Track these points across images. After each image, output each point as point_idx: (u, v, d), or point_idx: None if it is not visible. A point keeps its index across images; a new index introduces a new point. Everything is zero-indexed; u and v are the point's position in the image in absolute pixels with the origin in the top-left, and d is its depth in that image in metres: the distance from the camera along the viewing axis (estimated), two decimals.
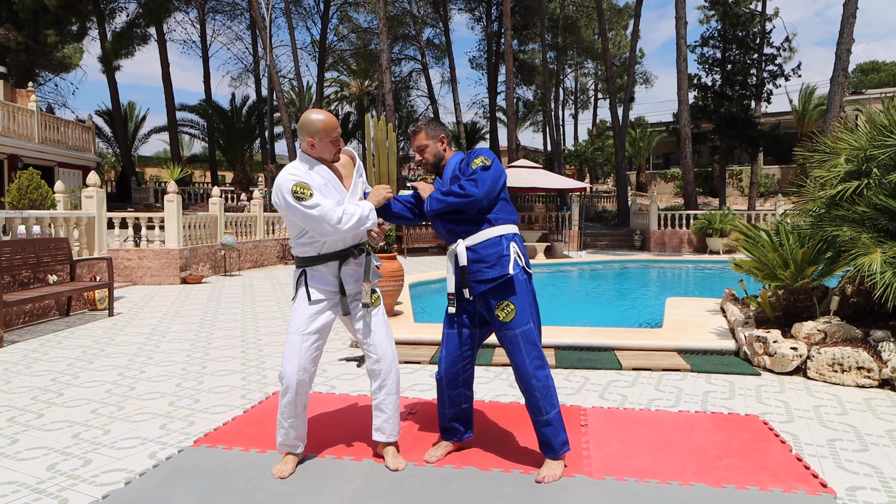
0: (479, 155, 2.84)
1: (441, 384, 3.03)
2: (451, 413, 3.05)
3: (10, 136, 16.60)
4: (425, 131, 2.99)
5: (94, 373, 4.80)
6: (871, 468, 2.97)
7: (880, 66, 47.49)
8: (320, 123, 2.83)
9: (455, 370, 2.99)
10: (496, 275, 2.78)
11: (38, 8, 21.76)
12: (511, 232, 2.87)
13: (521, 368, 2.80)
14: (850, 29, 16.40)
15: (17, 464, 3.04)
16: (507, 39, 22.85)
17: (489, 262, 2.80)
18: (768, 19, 23.99)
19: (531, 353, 2.79)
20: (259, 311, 7.91)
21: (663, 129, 33.56)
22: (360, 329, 2.97)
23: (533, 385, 2.79)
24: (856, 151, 5.22)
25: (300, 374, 2.84)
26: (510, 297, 2.79)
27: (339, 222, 2.74)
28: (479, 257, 2.81)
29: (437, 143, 2.99)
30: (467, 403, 3.08)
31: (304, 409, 2.93)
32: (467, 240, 2.84)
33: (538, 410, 2.81)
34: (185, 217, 11.40)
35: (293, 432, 2.92)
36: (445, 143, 3.01)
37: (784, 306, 5.46)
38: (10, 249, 6.67)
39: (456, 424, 3.08)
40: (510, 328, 2.79)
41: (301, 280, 2.90)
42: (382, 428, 2.98)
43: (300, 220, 2.77)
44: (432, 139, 2.99)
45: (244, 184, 25.70)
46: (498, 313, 2.80)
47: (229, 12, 31.79)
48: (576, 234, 20.64)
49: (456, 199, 2.79)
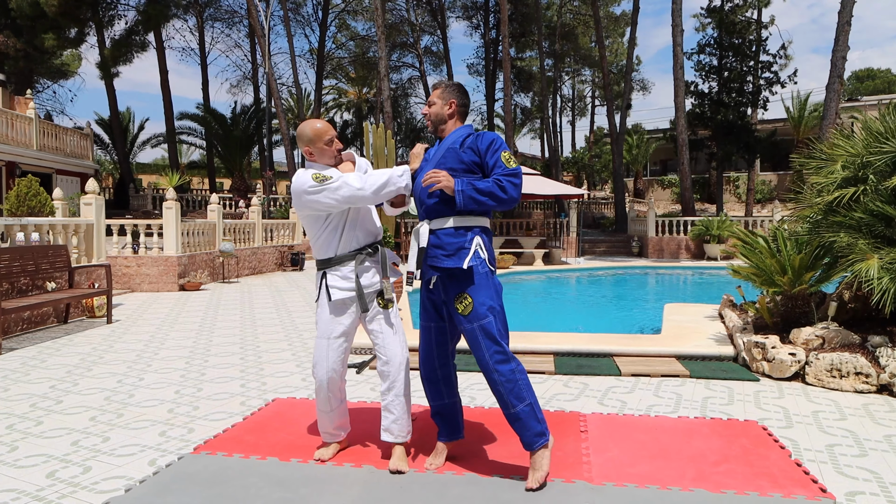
0: (506, 149, 2.80)
1: (421, 379, 3.04)
2: (435, 406, 3.04)
3: (8, 143, 16.60)
4: (441, 90, 2.97)
5: (93, 380, 4.79)
6: (871, 473, 2.98)
7: (875, 74, 47.76)
8: (311, 131, 2.94)
9: (430, 365, 2.99)
10: (451, 265, 2.74)
11: (36, 14, 21.80)
12: (479, 225, 2.83)
13: (482, 363, 2.76)
14: (846, 36, 16.52)
15: (17, 471, 3.03)
16: (504, 47, 22.95)
17: (447, 251, 2.76)
18: (764, 27, 24.17)
19: (490, 347, 2.72)
20: (258, 318, 7.90)
21: (660, 136, 33.73)
22: (373, 329, 3.03)
23: (495, 380, 2.74)
24: (852, 158, 5.26)
25: (330, 374, 3.00)
26: (468, 288, 2.75)
27: (367, 186, 2.83)
28: (439, 243, 2.79)
29: (444, 105, 2.93)
30: (450, 400, 3.03)
31: (339, 402, 3.11)
32: (433, 222, 2.82)
33: (504, 404, 2.77)
34: (184, 224, 11.40)
35: (331, 423, 3.12)
36: (454, 109, 2.94)
37: (782, 312, 5.48)
38: (9, 257, 6.66)
39: (441, 420, 3.04)
40: (469, 321, 2.75)
41: (322, 282, 2.99)
42: (391, 429, 3.01)
43: (331, 201, 2.84)
44: (441, 100, 2.94)
45: (242, 191, 25.72)
46: (457, 305, 2.78)
47: (228, 20, 31.89)
48: (574, 241, 20.68)
49: (495, 200, 2.72)
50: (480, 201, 2.72)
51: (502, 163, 2.75)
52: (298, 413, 3.86)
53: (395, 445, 3.03)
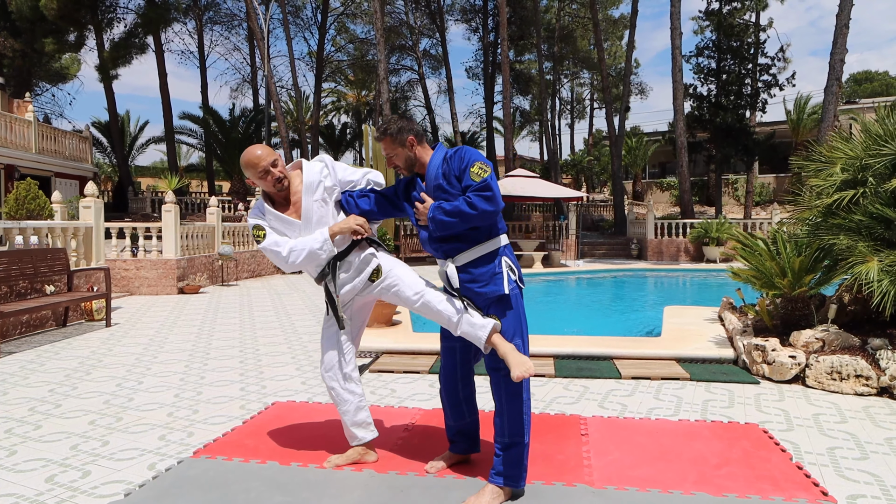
0: (476, 161, 2.63)
1: (442, 396, 3.01)
2: (455, 426, 3.03)
3: (7, 146, 16.60)
4: (389, 139, 2.76)
5: (92, 384, 4.78)
6: (872, 476, 2.98)
7: (873, 76, 47.91)
8: (244, 161, 2.85)
9: (453, 384, 2.96)
10: (490, 293, 2.68)
11: (35, 17, 21.83)
12: (502, 245, 2.73)
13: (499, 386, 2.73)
14: (844, 39, 16.57)
15: (16, 476, 3.02)
16: (503, 50, 22.98)
17: (482, 281, 2.68)
18: (762, 30, 24.22)
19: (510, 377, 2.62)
20: (257, 320, 7.89)
21: (659, 139, 33.79)
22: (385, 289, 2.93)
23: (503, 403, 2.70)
24: (851, 160, 5.26)
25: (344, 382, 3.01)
26: (499, 311, 2.71)
27: (288, 257, 2.84)
28: (471, 277, 2.70)
29: (405, 148, 2.77)
30: (471, 417, 3.03)
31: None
32: (457, 258, 2.71)
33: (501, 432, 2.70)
34: (183, 227, 11.39)
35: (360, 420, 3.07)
36: (416, 145, 2.78)
37: (782, 315, 5.48)
38: (8, 260, 6.65)
39: (459, 438, 3.04)
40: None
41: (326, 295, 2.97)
42: (477, 322, 2.72)
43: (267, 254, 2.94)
44: (399, 145, 2.76)
45: (241, 194, 25.71)
46: None
47: (227, 23, 31.91)
48: (573, 243, 20.68)
49: (464, 220, 2.59)
50: (449, 223, 2.61)
51: (471, 179, 2.61)
52: (298, 416, 3.85)
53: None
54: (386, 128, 2.77)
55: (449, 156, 2.74)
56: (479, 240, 2.70)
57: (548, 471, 2.99)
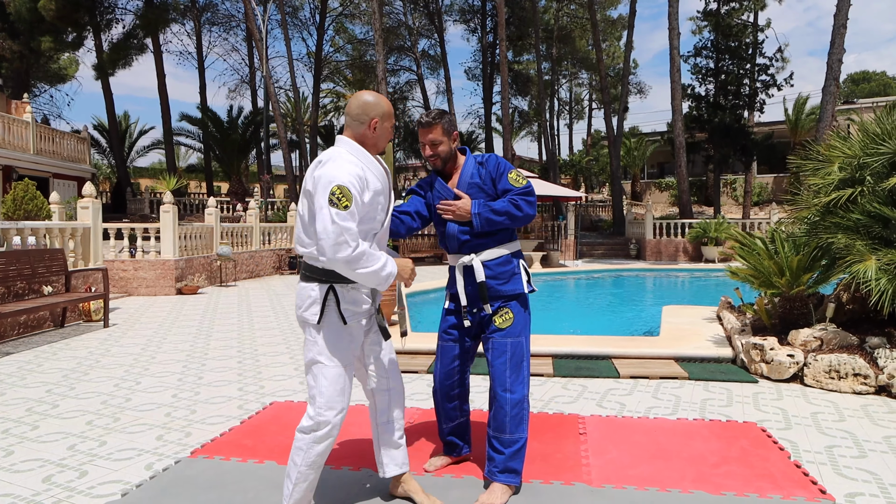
0: (511, 168, 2.81)
1: (436, 397, 2.99)
2: (448, 427, 3.02)
3: (5, 147, 16.58)
4: (442, 125, 2.74)
5: (90, 384, 4.77)
6: (870, 474, 2.98)
7: (871, 76, 48.02)
8: (386, 105, 2.43)
9: (450, 383, 2.95)
10: (509, 291, 2.79)
11: (34, 18, 21.82)
12: (518, 249, 2.90)
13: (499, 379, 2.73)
14: (841, 39, 16.59)
15: (13, 476, 3.01)
16: (501, 50, 22.99)
17: (502, 279, 2.80)
18: (760, 30, 24.27)
19: (514, 366, 2.72)
20: (255, 321, 7.88)
21: (658, 139, 33.80)
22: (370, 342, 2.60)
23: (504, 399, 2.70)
24: (849, 160, 5.27)
25: (342, 416, 2.36)
26: (512, 306, 2.80)
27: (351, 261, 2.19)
28: (493, 274, 2.79)
29: (451, 141, 2.79)
30: (464, 417, 3.04)
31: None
32: (482, 254, 2.79)
33: (500, 427, 2.71)
34: (181, 228, 11.38)
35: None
36: (457, 140, 2.85)
37: (780, 314, 5.48)
38: (5, 260, 6.64)
39: (454, 439, 3.05)
40: (504, 335, 2.75)
41: (329, 299, 2.33)
42: (402, 456, 2.68)
43: (317, 222, 2.22)
44: (447, 135, 2.77)
45: (240, 194, 25.71)
46: (496, 318, 2.78)
47: (225, 24, 31.86)
48: (572, 244, 20.69)
49: (511, 219, 2.73)
50: (496, 221, 2.73)
51: (511, 184, 2.76)
52: (296, 416, 3.83)
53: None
54: (440, 114, 2.76)
55: (480, 160, 2.87)
56: (504, 240, 2.84)
57: (546, 469, 2.99)
